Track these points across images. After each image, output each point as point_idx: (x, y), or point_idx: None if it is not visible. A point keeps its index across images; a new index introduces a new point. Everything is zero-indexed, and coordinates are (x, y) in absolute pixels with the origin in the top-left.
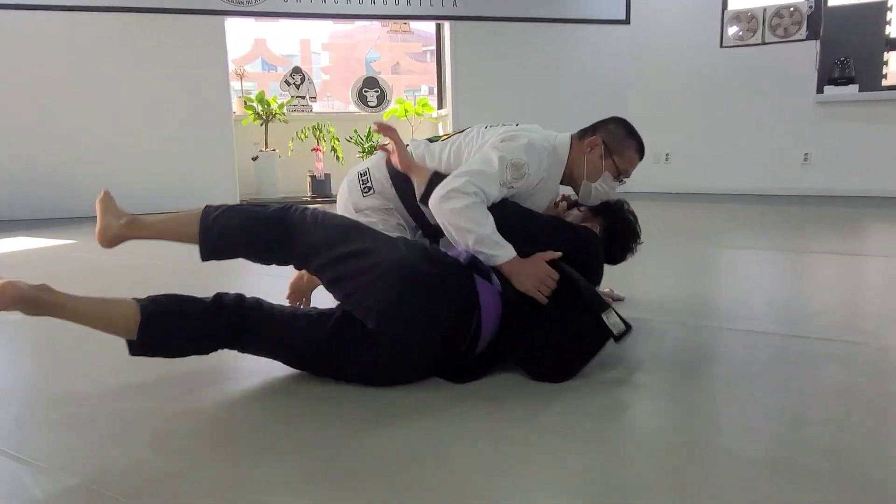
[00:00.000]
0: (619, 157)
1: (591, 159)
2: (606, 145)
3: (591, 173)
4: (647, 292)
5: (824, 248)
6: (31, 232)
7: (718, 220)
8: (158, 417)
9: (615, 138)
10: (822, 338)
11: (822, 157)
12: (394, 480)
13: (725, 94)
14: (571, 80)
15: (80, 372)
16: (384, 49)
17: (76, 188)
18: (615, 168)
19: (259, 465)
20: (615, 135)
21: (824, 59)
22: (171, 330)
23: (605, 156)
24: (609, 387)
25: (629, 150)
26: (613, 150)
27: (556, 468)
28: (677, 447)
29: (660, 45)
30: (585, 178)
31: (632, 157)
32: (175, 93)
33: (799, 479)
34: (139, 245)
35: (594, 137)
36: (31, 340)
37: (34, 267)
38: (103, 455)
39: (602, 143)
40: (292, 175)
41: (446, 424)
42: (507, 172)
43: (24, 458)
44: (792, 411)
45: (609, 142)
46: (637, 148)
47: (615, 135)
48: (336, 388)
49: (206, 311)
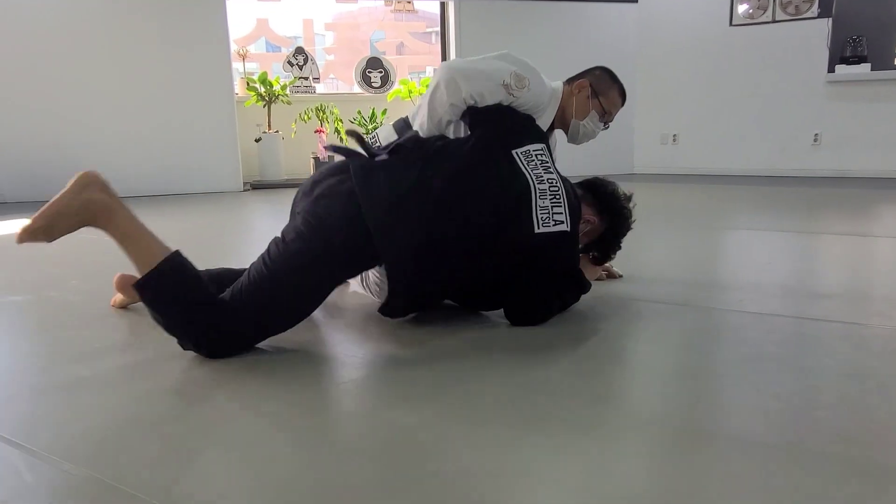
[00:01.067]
0: (604, 98)
1: (579, 99)
2: (593, 87)
3: (580, 112)
4: (655, 274)
5: (835, 230)
6: (33, 214)
7: (727, 202)
8: (159, 403)
9: (601, 82)
10: (835, 320)
11: (833, 137)
12: (396, 466)
13: (735, 73)
14: (578, 59)
15: (79, 354)
16: (388, 29)
17: (78, 170)
18: (601, 108)
19: (263, 455)
20: (600, 79)
21: (836, 37)
22: (180, 281)
23: (591, 96)
24: (615, 369)
25: (613, 91)
26: (599, 91)
27: (559, 454)
28: (686, 432)
29: (668, 24)
30: (574, 116)
31: (615, 99)
32: (177, 74)
33: (813, 464)
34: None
35: (582, 80)
36: (30, 322)
37: (38, 248)
38: (102, 442)
39: (589, 86)
40: (295, 157)
41: (448, 408)
42: (511, 78)
43: (18, 442)
44: (805, 394)
45: (595, 84)
46: (620, 91)
47: (600, 79)
48: (341, 378)
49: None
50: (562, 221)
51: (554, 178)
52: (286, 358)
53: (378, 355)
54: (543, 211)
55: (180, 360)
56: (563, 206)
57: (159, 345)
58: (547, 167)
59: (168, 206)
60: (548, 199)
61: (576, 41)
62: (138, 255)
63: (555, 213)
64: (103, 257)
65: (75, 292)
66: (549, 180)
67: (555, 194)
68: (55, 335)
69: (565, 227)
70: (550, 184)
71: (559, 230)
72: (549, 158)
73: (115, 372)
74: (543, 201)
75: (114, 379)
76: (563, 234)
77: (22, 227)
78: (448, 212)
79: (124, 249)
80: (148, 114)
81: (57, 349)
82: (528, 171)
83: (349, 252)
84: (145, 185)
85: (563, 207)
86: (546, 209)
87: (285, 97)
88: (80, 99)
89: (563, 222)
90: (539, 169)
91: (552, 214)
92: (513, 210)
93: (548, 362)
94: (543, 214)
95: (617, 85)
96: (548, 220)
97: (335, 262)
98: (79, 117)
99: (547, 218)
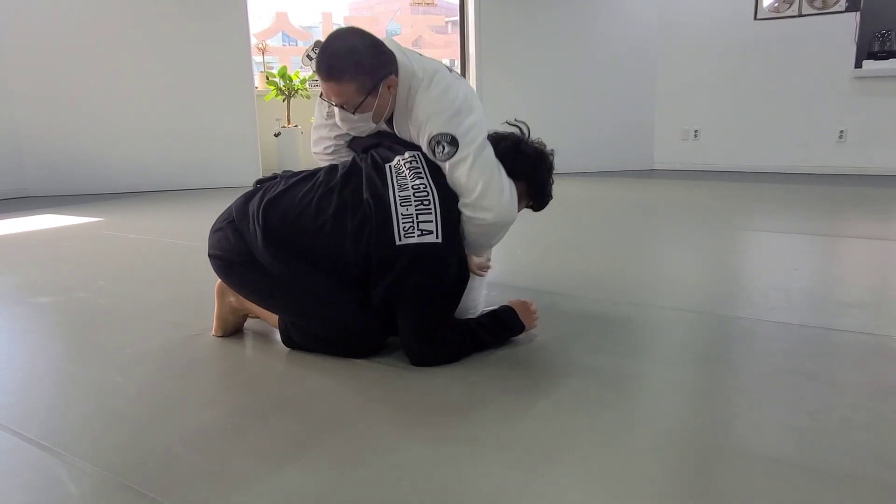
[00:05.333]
0: None
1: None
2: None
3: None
4: (676, 278)
5: (862, 232)
6: (58, 209)
7: (749, 200)
8: (191, 409)
9: None
10: (866, 332)
11: (859, 134)
12: (422, 484)
13: (758, 68)
14: (598, 53)
15: (110, 358)
16: (406, 23)
17: (101, 165)
18: None
19: (291, 463)
20: None
21: (864, 31)
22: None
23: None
24: (634, 383)
25: None
26: None
27: (579, 469)
28: (706, 448)
29: (690, 17)
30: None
31: None
32: (198, 69)
33: (842, 487)
34: (163, 224)
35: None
36: (62, 324)
37: (59, 245)
38: (137, 449)
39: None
40: None
41: (472, 422)
42: (475, 131)
43: (59, 451)
44: (839, 412)
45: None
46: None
47: None
48: (367, 390)
49: None
50: (431, 231)
51: (423, 184)
52: (329, 374)
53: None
54: (406, 219)
55: (210, 367)
56: (433, 213)
57: (192, 351)
58: (417, 173)
59: (189, 201)
60: (412, 206)
61: (597, 34)
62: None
63: (421, 221)
64: (127, 258)
65: (103, 294)
66: (414, 186)
67: (422, 199)
68: (87, 339)
69: (434, 237)
70: (416, 189)
71: (426, 241)
72: (422, 165)
73: (148, 378)
74: (406, 208)
75: (148, 386)
76: (433, 245)
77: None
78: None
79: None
80: (169, 109)
81: (90, 354)
82: (392, 181)
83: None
84: (166, 180)
85: (433, 214)
86: (409, 217)
87: (304, 91)
88: (103, 94)
89: (431, 232)
90: (406, 178)
91: (417, 223)
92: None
93: (567, 375)
94: (406, 223)
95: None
96: (412, 230)
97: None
98: (102, 113)
99: (411, 227)
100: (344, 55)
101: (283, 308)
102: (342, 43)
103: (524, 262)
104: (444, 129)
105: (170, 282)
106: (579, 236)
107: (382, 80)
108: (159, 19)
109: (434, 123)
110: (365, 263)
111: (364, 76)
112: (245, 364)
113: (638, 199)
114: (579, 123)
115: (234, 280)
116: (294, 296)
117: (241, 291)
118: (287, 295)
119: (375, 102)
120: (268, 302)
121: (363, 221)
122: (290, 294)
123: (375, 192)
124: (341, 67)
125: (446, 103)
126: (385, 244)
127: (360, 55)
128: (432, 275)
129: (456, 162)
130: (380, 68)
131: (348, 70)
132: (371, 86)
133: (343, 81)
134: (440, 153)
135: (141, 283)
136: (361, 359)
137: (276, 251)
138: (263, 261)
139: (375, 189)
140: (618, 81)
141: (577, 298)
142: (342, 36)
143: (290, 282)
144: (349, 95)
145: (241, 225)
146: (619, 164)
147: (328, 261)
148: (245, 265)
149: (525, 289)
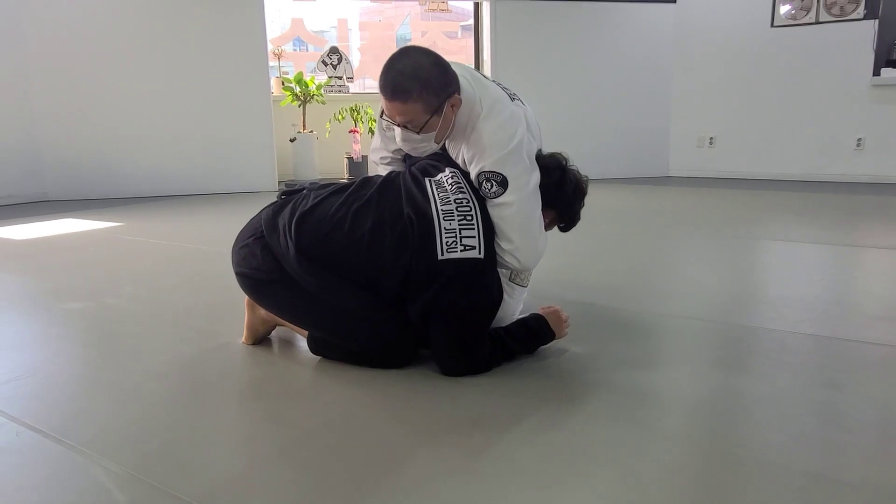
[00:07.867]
0: None
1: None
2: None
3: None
4: (698, 289)
5: (882, 243)
6: (79, 213)
7: (766, 209)
8: (226, 417)
9: None
10: (889, 344)
11: (877, 142)
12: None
13: (775, 75)
14: (614, 60)
15: (146, 366)
16: (418, 29)
17: (120, 169)
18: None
19: (325, 472)
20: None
21: (882, 39)
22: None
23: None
24: (645, 393)
25: None
26: None
27: (614, 484)
28: (741, 463)
29: (707, 24)
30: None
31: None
32: (216, 75)
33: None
34: (182, 229)
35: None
36: (93, 330)
37: (82, 249)
38: (176, 456)
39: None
40: (329, 157)
41: (478, 436)
42: (526, 158)
43: (104, 459)
44: (877, 428)
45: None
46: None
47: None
48: (384, 407)
49: None
50: (473, 247)
51: (465, 198)
52: (358, 386)
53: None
54: (449, 234)
55: (243, 374)
56: (475, 228)
57: (223, 359)
58: (459, 187)
59: (206, 206)
60: (455, 220)
61: (612, 41)
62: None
63: (464, 235)
64: (150, 264)
65: (132, 299)
66: (457, 200)
67: (465, 214)
68: (120, 345)
69: (477, 252)
70: (459, 203)
71: (469, 256)
72: (463, 181)
73: (184, 386)
74: (449, 222)
75: (184, 394)
76: (475, 261)
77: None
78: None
79: None
80: (187, 114)
81: (124, 361)
82: (433, 195)
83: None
84: (183, 185)
85: (475, 229)
86: (453, 231)
87: (320, 97)
88: (121, 100)
89: (474, 247)
90: (448, 192)
91: (460, 238)
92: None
93: (598, 387)
94: (449, 238)
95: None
96: (454, 245)
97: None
98: (121, 118)
99: (454, 242)
100: (409, 74)
101: (314, 325)
102: (408, 60)
103: (546, 268)
104: (497, 168)
105: (195, 288)
106: (599, 244)
107: (447, 99)
108: (177, 27)
109: (488, 158)
110: (404, 277)
111: (430, 95)
112: (277, 373)
113: (654, 206)
114: (594, 130)
115: (262, 298)
116: (327, 312)
117: (270, 309)
118: (320, 312)
119: (440, 122)
120: (301, 320)
121: (403, 235)
122: (323, 311)
123: (416, 206)
124: (407, 87)
125: (504, 139)
126: (427, 258)
127: (426, 73)
128: (471, 291)
129: (500, 203)
130: (446, 87)
131: (414, 89)
132: (437, 105)
133: (409, 101)
134: (487, 189)
135: (166, 288)
136: (390, 369)
137: (309, 264)
138: (295, 274)
139: (416, 203)
140: (633, 88)
141: (602, 308)
142: (407, 54)
143: (323, 297)
144: (414, 115)
145: (272, 239)
146: (635, 170)
147: (363, 275)
148: (274, 283)
149: (548, 297)
